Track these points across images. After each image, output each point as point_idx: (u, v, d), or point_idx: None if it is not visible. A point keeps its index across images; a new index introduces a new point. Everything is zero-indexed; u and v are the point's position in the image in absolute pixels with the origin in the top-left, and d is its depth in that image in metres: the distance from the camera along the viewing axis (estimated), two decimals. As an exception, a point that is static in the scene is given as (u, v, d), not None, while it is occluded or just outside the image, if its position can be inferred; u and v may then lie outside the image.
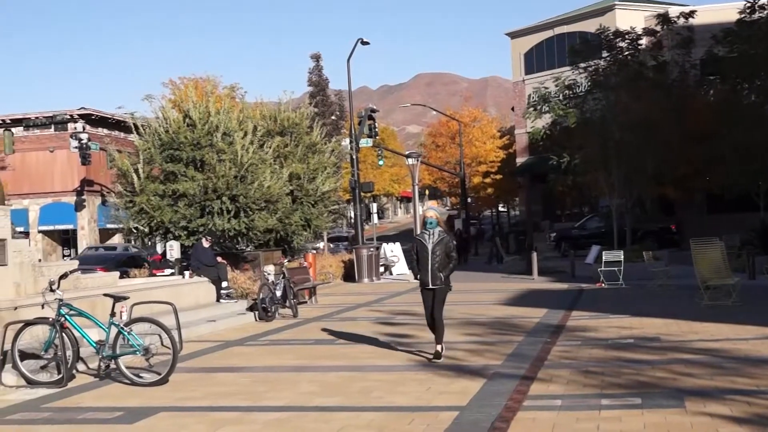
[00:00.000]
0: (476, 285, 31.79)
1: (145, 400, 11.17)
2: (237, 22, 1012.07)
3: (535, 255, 35.39)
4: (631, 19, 51.57)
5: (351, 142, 43.11)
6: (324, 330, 18.81)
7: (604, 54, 45.70)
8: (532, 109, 49.23)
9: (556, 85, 47.71)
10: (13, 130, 50.79)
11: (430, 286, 13.70)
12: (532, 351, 14.22)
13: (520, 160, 67.76)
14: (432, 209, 14.40)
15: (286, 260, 26.50)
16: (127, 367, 12.49)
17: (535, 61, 66.13)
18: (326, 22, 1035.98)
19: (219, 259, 23.84)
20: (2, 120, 51.44)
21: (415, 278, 14.25)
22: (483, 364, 13.09)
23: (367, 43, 44.31)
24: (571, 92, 47.61)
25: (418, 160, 40.35)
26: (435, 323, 13.79)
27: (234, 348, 16.47)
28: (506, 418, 9.25)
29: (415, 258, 13.96)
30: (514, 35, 68.59)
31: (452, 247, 13.84)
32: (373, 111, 48.19)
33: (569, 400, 10.10)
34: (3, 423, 10.22)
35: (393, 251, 39.44)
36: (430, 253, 13.64)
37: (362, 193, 45.81)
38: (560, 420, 9.13)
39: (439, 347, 13.70)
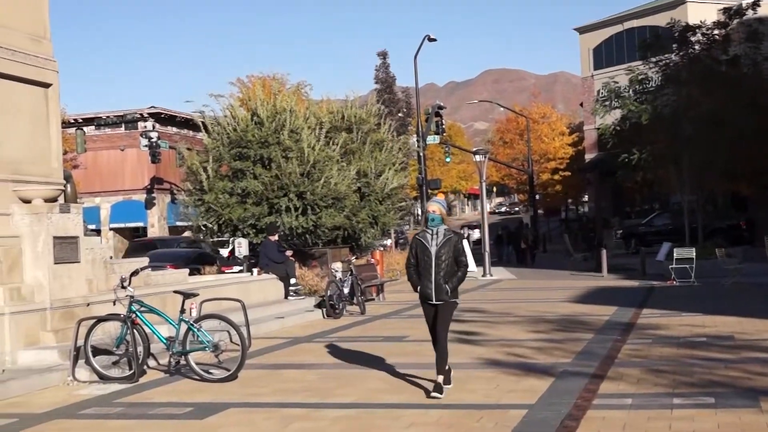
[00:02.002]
0: (544, 282, 31.61)
1: (215, 396, 11.27)
2: (304, 21, 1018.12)
3: (604, 252, 35.02)
4: (702, 13, 50.73)
5: (418, 139, 43.08)
6: (391, 327, 18.83)
7: (675, 48, 44.97)
8: (599, 105, 48.66)
9: (630, 80, 47.04)
10: (85, 129, 51.43)
11: (434, 301, 10.86)
12: (602, 349, 14.07)
13: (588, 157, 67.22)
14: (436, 202, 11.30)
15: (353, 257, 26.55)
16: (197, 363, 12.61)
17: (604, 56, 65.51)
18: (393, 19, 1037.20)
19: (288, 253, 23.84)
20: (74, 119, 52.22)
21: (415, 290, 11.17)
22: (552, 362, 12.98)
23: (434, 40, 44.24)
24: (641, 87, 46.94)
25: (485, 157, 40.00)
26: (438, 347, 10.94)
27: (302, 345, 16.54)
28: (576, 417, 9.17)
29: (414, 264, 11.06)
30: (582, 30, 68.07)
31: (461, 250, 10.95)
32: (440, 108, 48.14)
33: (640, 399, 9.97)
34: (77, 417, 10.40)
35: None
36: (433, 257, 10.77)
37: (429, 190, 45.77)
38: (631, 419, 9.01)
39: (440, 378, 10.87)
